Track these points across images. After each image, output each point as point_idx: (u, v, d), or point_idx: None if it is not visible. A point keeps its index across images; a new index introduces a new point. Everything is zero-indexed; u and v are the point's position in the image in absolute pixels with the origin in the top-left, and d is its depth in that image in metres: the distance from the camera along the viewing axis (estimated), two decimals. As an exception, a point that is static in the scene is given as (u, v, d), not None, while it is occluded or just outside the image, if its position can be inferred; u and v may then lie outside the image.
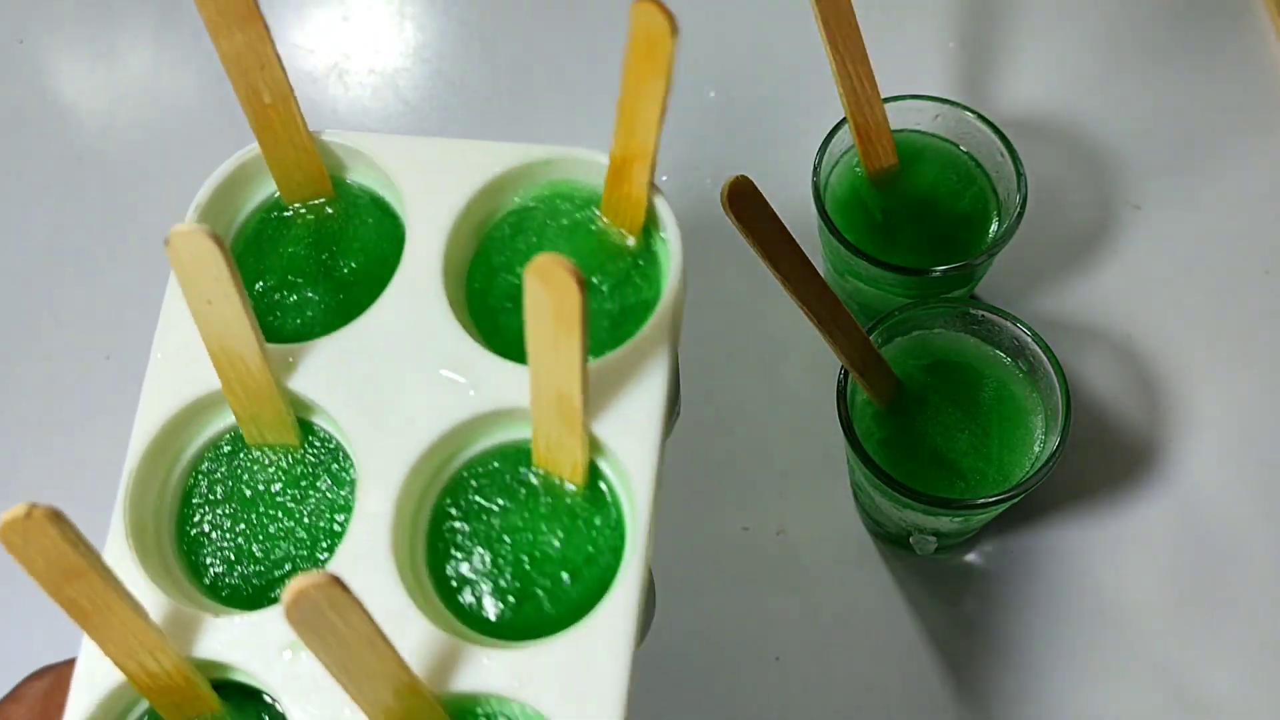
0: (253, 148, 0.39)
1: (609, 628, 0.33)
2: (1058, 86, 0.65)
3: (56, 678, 0.37)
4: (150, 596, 0.35)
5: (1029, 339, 0.48)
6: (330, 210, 0.40)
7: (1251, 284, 0.59)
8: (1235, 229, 0.61)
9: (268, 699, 0.35)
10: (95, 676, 0.34)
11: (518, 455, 0.37)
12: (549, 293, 0.30)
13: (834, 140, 0.53)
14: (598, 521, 0.36)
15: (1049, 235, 0.61)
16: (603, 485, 0.36)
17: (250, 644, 0.34)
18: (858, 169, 0.54)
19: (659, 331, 0.36)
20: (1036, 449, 0.48)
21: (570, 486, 0.36)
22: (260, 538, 0.37)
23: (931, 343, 0.50)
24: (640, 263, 0.38)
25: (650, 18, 0.31)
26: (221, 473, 0.38)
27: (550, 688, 0.33)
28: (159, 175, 0.67)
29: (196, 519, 0.37)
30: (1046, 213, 0.61)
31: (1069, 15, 0.67)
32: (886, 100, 0.52)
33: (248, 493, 0.37)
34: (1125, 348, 0.58)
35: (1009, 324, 0.48)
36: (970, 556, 0.55)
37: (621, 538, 0.35)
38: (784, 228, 0.42)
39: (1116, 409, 0.57)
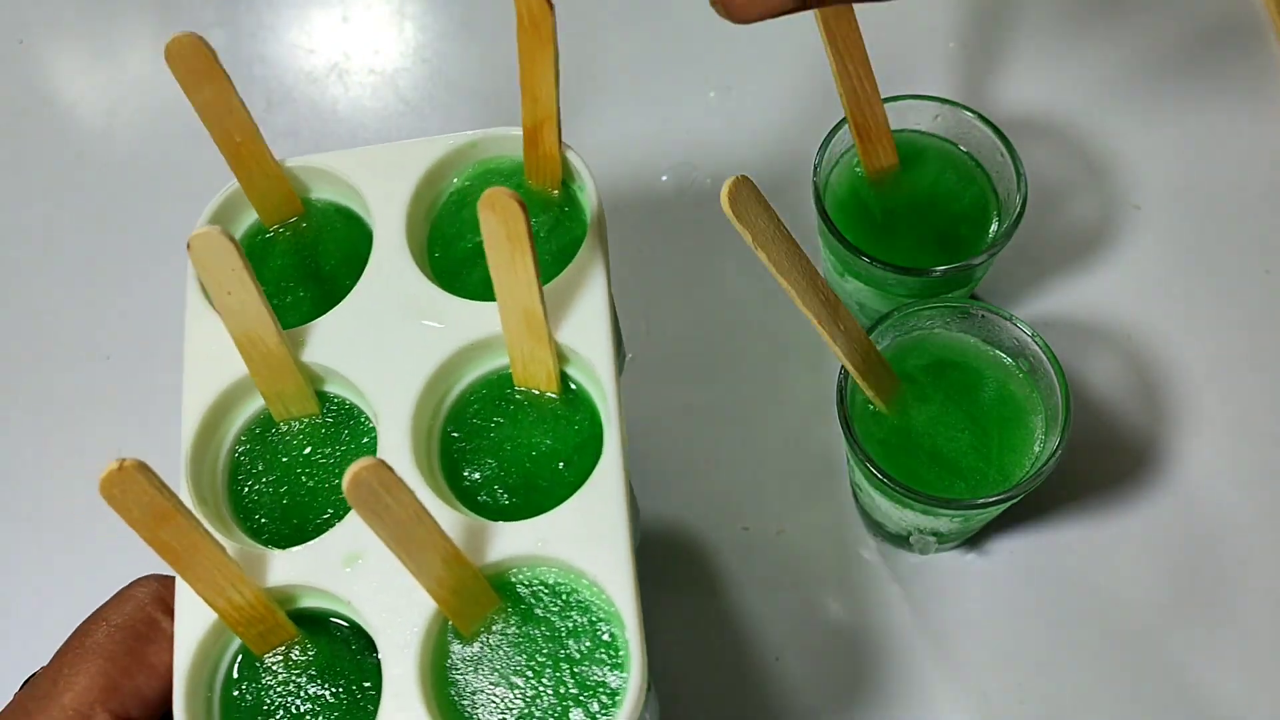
0: (232, 184, 0.46)
1: (604, 486, 0.40)
2: (1058, 86, 0.65)
3: (161, 585, 0.42)
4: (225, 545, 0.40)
5: (1029, 339, 0.48)
6: (304, 225, 0.47)
7: (1251, 284, 0.59)
8: (1235, 229, 0.61)
9: (332, 622, 0.41)
10: (194, 618, 0.40)
11: (501, 381, 0.44)
12: (499, 218, 0.37)
13: (834, 140, 0.53)
14: (577, 418, 0.43)
15: (1049, 235, 0.61)
16: (573, 386, 0.43)
17: (315, 565, 0.40)
18: (858, 169, 0.54)
19: (591, 253, 0.44)
20: (1036, 449, 0.48)
21: (548, 395, 0.43)
22: (302, 493, 0.43)
23: (931, 343, 0.50)
24: (566, 209, 0.46)
25: (531, 1, 0.40)
26: (259, 449, 0.44)
27: (567, 540, 0.39)
28: (159, 175, 0.67)
29: (245, 490, 0.43)
30: (1046, 213, 0.61)
31: (1069, 15, 0.67)
32: (886, 100, 0.52)
33: (284, 459, 0.44)
34: (1125, 348, 0.58)
35: (1009, 324, 0.48)
36: (970, 556, 0.55)
37: (599, 427, 0.42)
38: (784, 228, 0.42)
39: (1116, 409, 0.57)
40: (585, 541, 0.39)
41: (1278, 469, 0.55)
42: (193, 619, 0.40)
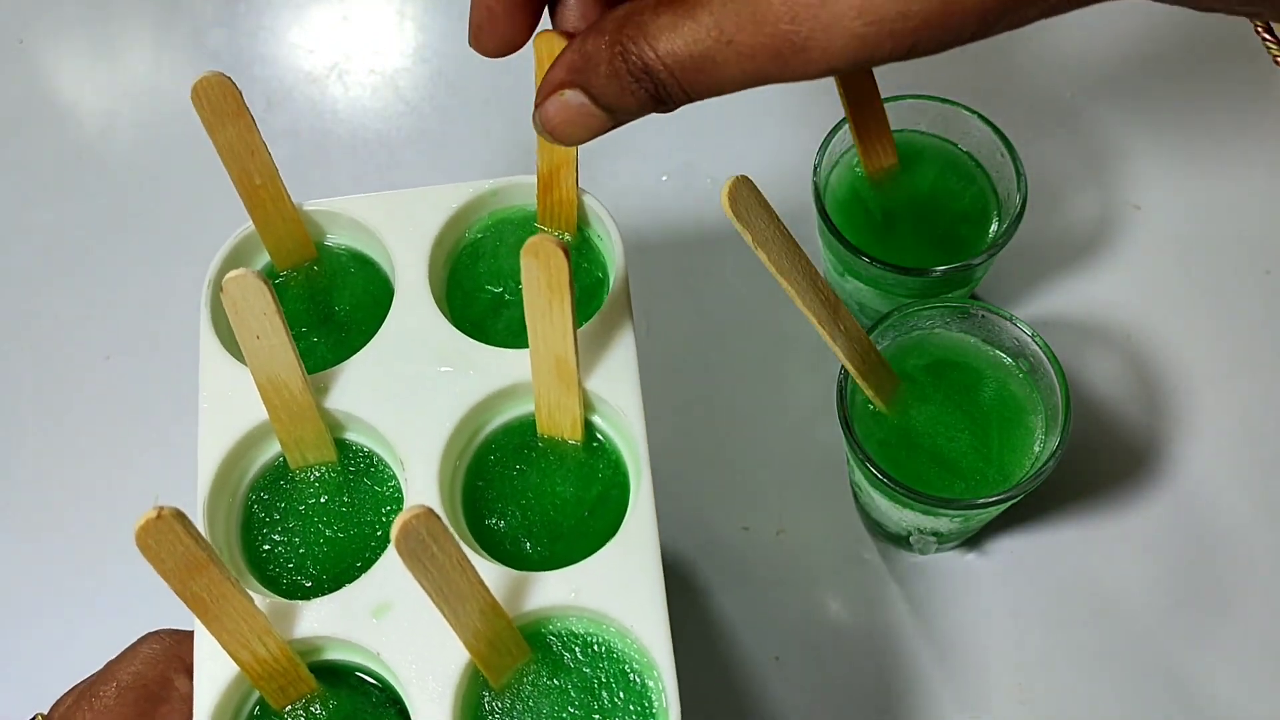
0: (247, 226, 0.45)
1: (638, 534, 0.40)
2: (1058, 86, 0.65)
3: (175, 641, 0.40)
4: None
5: (1029, 339, 0.48)
6: (316, 269, 0.47)
7: (1251, 284, 0.59)
8: (1235, 229, 0.61)
9: (355, 676, 0.40)
10: (214, 673, 0.38)
11: (523, 428, 0.43)
12: (540, 265, 0.37)
13: (834, 140, 0.53)
14: (600, 465, 0.43)
15: (1049, 235, 0.61)
16: (598, 435, 0.43)
17: (343, 616, 0.39)
18: (858, 169, 0.54)
19: (618, 301, 0.43)
20: (1036, 449, 0.48)
21: (572, 442, 0.43)
22: (321, 542, 0.42)
23: (931, 343, 0.50)
24: (582, 251, 0.46)
25: (551, 43, 0.39)
26: (274, 498, 0.43)
27: (602, 590, 0.39)
28: (159, 175, 0.67)
29: (260, 540, 0.42)
30: (1046, 213, 0.61)
31: (1069, 15, 0.66)
32: (886, 100, 0.52)
33: (301, 508, 0.43)
34: (1125, 348, 0.58)
35: (1009, 324, 0.48)
36: (970, 556, 0.55)
37: (623, 474, 0.42)
38: (784, 228, 0.42)
39: (1116, 409, 0.57)
40: (620, 591, 0.39)
41: (1277, 469, 0.55)
42: (214, 674, 0.39)
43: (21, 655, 0.56)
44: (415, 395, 0.43)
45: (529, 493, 0.42)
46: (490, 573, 0.39)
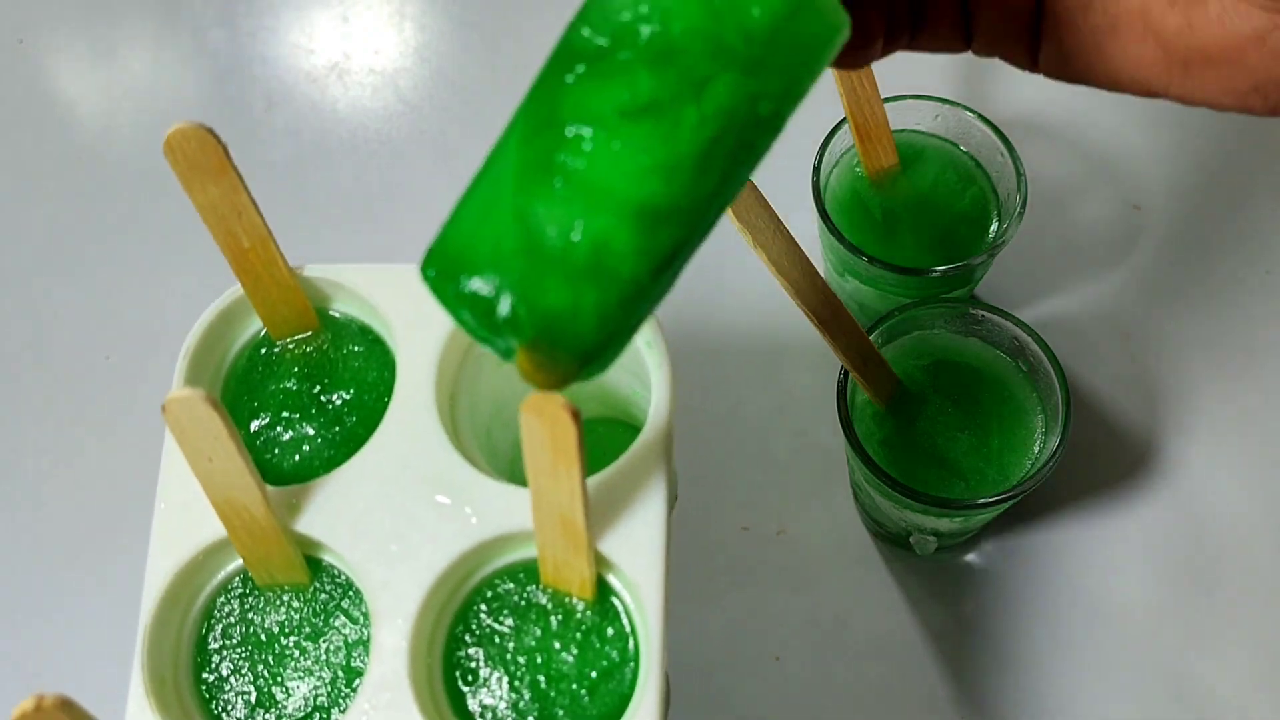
0: (236, 289, 0.39)
1: None
2: (1058, 86, 0.65)
3: None
4: None
5: (1029, 339, 0.48)
6: (317, 342, 0.41)
7: (1251, 284, 0.59)
8: (1235, 229, 0.61)
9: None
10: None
11: (525, 575, 0.37)
12: (544, 426, 0.31)
13: (834, 140, 0.53)
14: (610, 632, 0.36)
15: (1049, 235, 0.61)
16: (613, 599, 0.37)
17: None
18: (858, 169, 0.54)
19: (652, 446, 0.37)
20: (1036, 449, 0.48)
21: (579, 602, 0.37)
22: (279, 679, 0.37)
23: (931, 343, 0.50)
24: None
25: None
26: (235, 617, 0.38)
27: None
28: (159, 175, 0.66)
29: (213, 665, 0.37)
30: (1046, 213, 0.61)
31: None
32: (886, 100, 0.52)
33: (263, 636, 0.37)
34: (1125, 348, 0.58)
35: (1009, 324, 0.48)
36: (970, 556, 0.55)
37: (635, 647, 0.36)
38: (784, 228, 0.42)
39: (1116, 409, 0.57)
40: None
41: (1277, 469, 0.55)
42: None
43: (19, 656, 0.56)
44: (397, 532, 0.36)
45: (521, 656, 0.36)
46: None
